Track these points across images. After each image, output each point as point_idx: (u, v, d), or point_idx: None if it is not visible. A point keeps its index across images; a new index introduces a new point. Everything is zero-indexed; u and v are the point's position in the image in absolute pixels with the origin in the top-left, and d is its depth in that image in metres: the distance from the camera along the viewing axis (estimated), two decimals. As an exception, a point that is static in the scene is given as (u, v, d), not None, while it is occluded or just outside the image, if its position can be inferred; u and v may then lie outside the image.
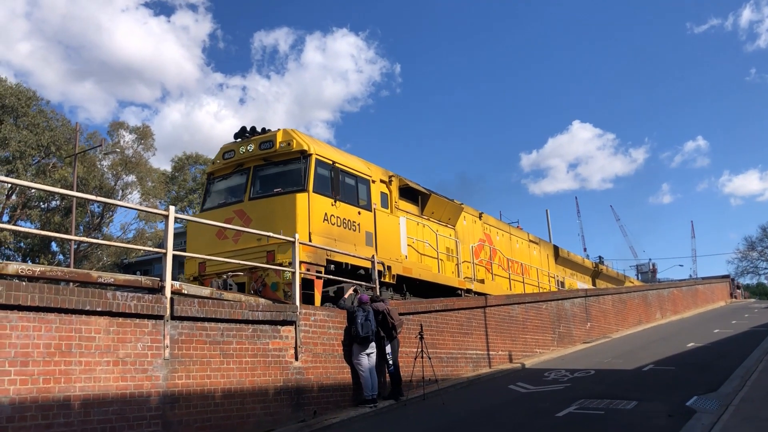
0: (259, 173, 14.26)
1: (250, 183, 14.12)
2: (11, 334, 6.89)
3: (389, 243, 15.60)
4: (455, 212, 19.93)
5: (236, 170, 14.59)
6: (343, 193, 14.36)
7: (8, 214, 39.16)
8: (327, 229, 13.45)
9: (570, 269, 32.71)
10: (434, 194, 18.56)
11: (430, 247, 17.81)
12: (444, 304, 15.88)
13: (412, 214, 17.47)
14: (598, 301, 27.44)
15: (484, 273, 21.31)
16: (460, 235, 20.21)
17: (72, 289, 7.67)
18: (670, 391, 12.31)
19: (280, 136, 14.00)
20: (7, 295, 6.82)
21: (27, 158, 37.43)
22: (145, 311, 8.26)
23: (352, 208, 14.51)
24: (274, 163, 14.08)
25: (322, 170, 13.90)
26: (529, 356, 19.63)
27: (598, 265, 38.85)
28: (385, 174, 16.62)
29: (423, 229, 17.87)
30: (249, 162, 14.34)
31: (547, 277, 28.26)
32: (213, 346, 9.21)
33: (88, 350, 7.60)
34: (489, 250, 22.29)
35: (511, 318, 19.41)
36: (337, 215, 13.86)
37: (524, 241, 26.81)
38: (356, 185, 15.08)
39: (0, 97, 36.50)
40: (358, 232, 14.52)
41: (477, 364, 16.76)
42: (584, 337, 24.51)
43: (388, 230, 15.72)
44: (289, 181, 13.64)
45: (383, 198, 16.21)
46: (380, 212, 15.58)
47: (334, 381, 11.47)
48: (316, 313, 11.41)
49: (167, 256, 8.95)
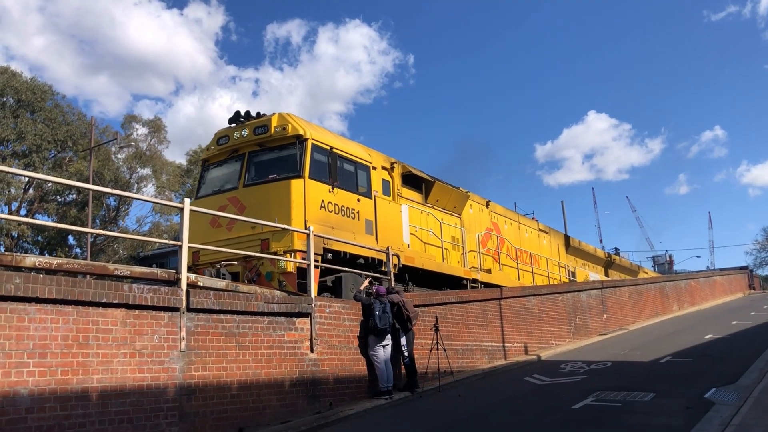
0: (254, 159, 13.90)
1: (244, 169, 13.77)
2: (29, 326, 6.94)
3: (390, 231, 15.22)
4: (461, 200, 19.51)
5: (231, 156, 14.27)
6: (342, 179, 13.94)
7: (26, 208, 39.54)
8: (324, 217, 13.09)
9: (582, 259, 32.08)
10: (439, 181, 18.15)
11: (434, 236, 17.49)
12: (459, 296, 15.83)
13: (415, 202, 17.12)
14: (615, 292, 27.27)
15: (492, 263, 20.92)
16: (466, 223, 19.79)
17: (89, 281, 7.71)
18: (689, 383, 12.21)
19: (275, 121, 13.64)
20: (25, 287, 6.86)
21: (43, 152, 37.73)
22: (161, 303, 8.29)
23: (350, 195, 14.13)
24: (270, 148, 13.73)
25: (318, 156, 13.51)
26: (545, 348, 19.55)
27: (611, 256, 38.01)
28: (387, 160, 16.23)
29: (427, 217, 17.48)
30: (244, 148, 14.00)
31: (557, 267, 27.64)
32: (229, 338, 9.24)
33: (105, 342, 7.65)
34: (496, 239, 21.86)
35: (527, 310, 19.32)
36: (335, 202, 13.49)
37: (534, 231, 26.27)
38: (355, 171, 14.68)
39: (16, 91, 36.78)
40: (358, 220, 14.14)
41: (492, 356, 16.72)
42: (601, 329, 24.37)
43: (389, 218, 15.33)
44: (284, 167, 13.27)
45: (385, 185, 15.83)
46: (381, 199, 15.19)
47: (349, 373, 11.48)
48: (331, 305, 11.41)
49: (183, 248, 8.97)
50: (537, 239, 26.32)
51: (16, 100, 37.25)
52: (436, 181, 17.98)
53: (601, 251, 36.36)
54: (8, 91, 36.67)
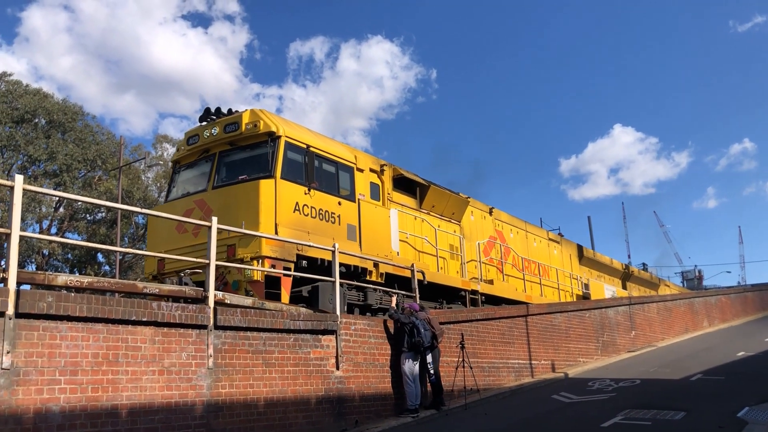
0: (224, 159, 13.08)
1: (214, 170, 12.95)
2: (61, 344, 7.07)
3: (377, 237, 14.24)
4: (460, 206, 18.49)
5: (201, 157, 13.47)
6: (320, 180, 13.06)
7: (56, 226, 40.25)
8: (298, 221, 12.22)
9: (596, 270, 30.46)
10: (434, 186, 17.16)
11: (429, 244, 16.59)
12: (485, 313, 15.75)
13: (408, 207, 16.24)
14: (643, 308, 26.89)
15: (495, 273, 19.93)
16: (467, 231, 18.82)
17: (118, 299, 7.84)
18: (720, 402, 11.97)
19: (246, 117, 12.88)
20: (57, 306, 7.00)
21: (74, 171, 38.41)
22: (189, 321, 8.39)
23: (330, 198, 13.20)
24: (241, 147, 12.94)
25: (293, 154, 12.66)
26: (573, 365, 19.33)
27: (629, 267, 36.23)
28: (375, 163, 15.34)
29: (421, 223, 16.57)
30: (214, 147, 13.22)
31: (569, 278, 26.08)
32: (255, 356, 9.30)
33: (135, 360, 7.75)
34: (500, 248, 20.68)
35: (554, 327, 19.14)
36: (311, 205, 12.59)
37: (543, 240, 24.98)
38: (336, 173, 13.75)
39: (48, 112, 37.60)
40: (338, 224, 13.21)
41: (519, 374, 16.57)
42: (629, 346, 24.03)
43: (375, 223, 14.33)
44: (255, 167, 12.45)
45: (374, 189, 14.92)
46: (366, 203, 14.24)
47: (375, 390, 11.46)
48: (356, 322, 11.43)
49: (210, 266, 9.08)
50: (547, 249, 25.03)
51: (47, 120, 38.07)
52: (431, 186, 17.04)
53: (618, 262, 34.52)
54: (40, 112, 37.50)
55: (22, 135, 36.76)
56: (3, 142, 35.69)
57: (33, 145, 36.49)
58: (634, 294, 32.91)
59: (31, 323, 6.85)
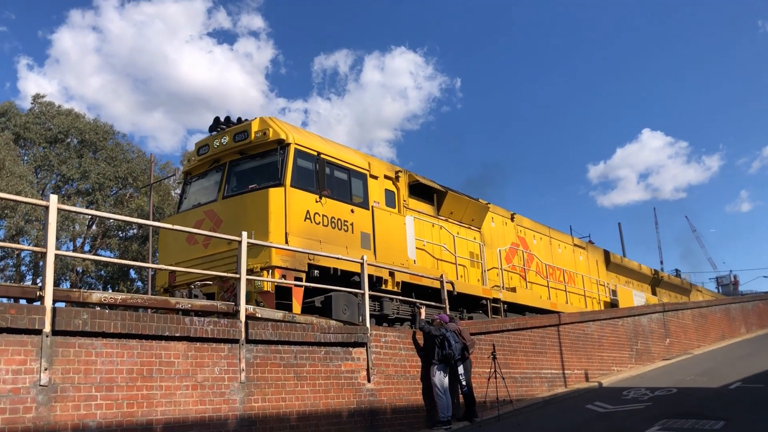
0: (234, 169, 12.95)
1: (224, 180, 12.81)
2: (96, 360, 7.17)
3: (392, 245, 13.96)
4: (480, 212, 18.11)
5: (212, 167, 13.37)
6: (332, 188, 12.86)
7: (89, 243, 40.94)
8: (309, 230, 12.00)
9: (624, 276, 29.74)
10: (452, 192, 16.84)
11: (448, 252, 16.30)
12: (516, 323, 15.61)
13: (425, 214, 15.98)
14: (677, 315, 26.41)
15: (518, 280, 19.49)
16: (487, 238, 18.45)
17: (152, 315, 7.93)
18: (761, 410, 11.68)
19: (256, 125, 12.74)
20: (92, 322, 7.12)
21: (106, 189, 39.12)
22: (221, 335, 8.46)
23: (343, 206, 12.97)
24: (251, 156, 12.80)
25: (303, 162, 12.48)
26: (606, 374, 19.04)
27: (658, 272, 35.02)
28: (390, 169, 15.16)
29: (440, 231, 16.26)
30: (225, 157, 13.11)
31: (595, 285, 25.46)
32: (287, 369, 9.33)
33: (168, 375, 7.83)
34: (523, 255, 20.24)
35: (586, 335, 18.89)
36: (323, 213, 12.37)
37: (568, 246, 24.34)
38: (349, 180, 13.52)
39: (80, 132, 38.39)
40: (351, 232, 12.96)
41: (552, 384, 16.37)
42: (664, 354, 23.60)
43: (390, 231, 14.07)
44: (265, 176, 12.28)
45: (389, 196, 14.70)
46: (380, 211, 13.99)
47: (407, 403, 11.41)
48: (386, 334, 11.41)
49: (241, 281, 9.15)
50: (572, 255, 24.42)
51: (80, 140, 38.87)
52: (449, 192, 16.73)
53: (647, 268, 33.45)
54: (73, 132, 38.31)
55: (56, 155, 37.58)
56: (38, 162, 36.51)
57: (66, 165, 37.26)
58: (664, 300, 32.28)
59: (67, 340, 6.97)
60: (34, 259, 34.43)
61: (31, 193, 30.41)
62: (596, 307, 24.37)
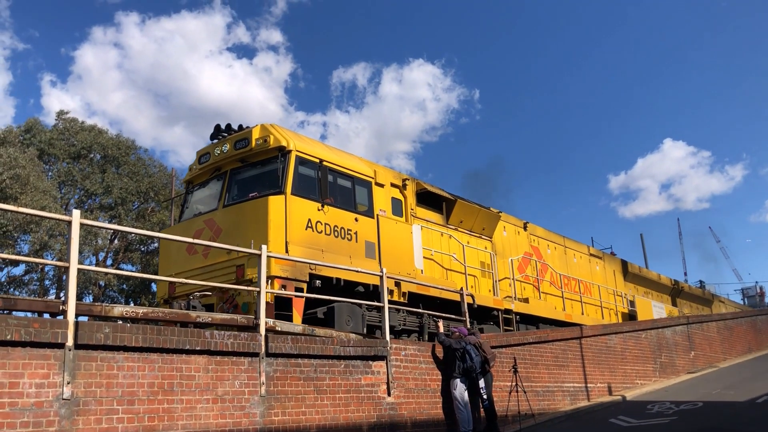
0: (235, 177, 12.78)
1: (225, 189, 12.63)
2: (118, 374, 7.22)
3: (398, 255, 13.66)
4: (491, 221, 17.78)
5: (214, 175, 13.21)
6: (335, 196, 12.65)
7: (111, 258, 41.36)
8: (311, 238, 11.76)
9: (643, 287, 29.01)
10: (461, 200, 16.58)
11: (458, 262, 15.95)
12: (538, 336, 15.48)
13: (434, 223, 15.72)
14: (702, 328, 26.01)
15: (532, 291, 19.10)
16: (499, 247, 18.13)
17: (173, 329, 7.98)
18: (790, 425, 11.46)
19: (257, 133, 12.52)
20: (113, 336, 7.17)
21: (128, 204, 39.54)
22: (241, 349, 8.48)
23: (346, 214, 12.73)
24: (252, 164, 12.61)
25: (305, 169, 12.27)
26: (630, 388, 18.78)
27: (678, 283, 34.15)
28: (397, 177, 14.90)
29: (449, 240, 15.95)
30: (226, 165, 12.95)
31: (612, 295, 24.93)
32: (307, 383, 9.32)
33: (189, 389, 7.85)
34: (536, 264, 19.88)
35: (609, 348, 18.67)
36: (325, 222, 12.12)
37: (584, 255, 23.86)
38: (353, 188, 13.27)
39: (103, 147, 38.89)
40: (355, 241, 12.70)
41: (575, 398, 16.17)
42: (688, 367, 23.24)
43: (396, 240, 13.80)
44: (266, 184, 12.05)
45: (395, 204, 14.48)
46: (386, 219, 13.72)
47: (427, 416, 11.33)
48: (406, 347, 11.36)
49: (261, 294, 9.18)
50: (588, 265, 23.93)
51: (102, 155, 39.37)
52: (458, 200, 16.42)
53: (666, 278, 32.66)
54: (96, 148, 38.81)
55: (79, 170, 38.08)
56: (61, 178, 37.02)
57: (89, 180, 37.74)
58: (685, 311, 31.74)
59: (89, 354, 7.03)
60: (57, 273, 34.85)
61: (55, 208, 30.82)
62: (613, 318, 23.97)
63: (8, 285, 30.79)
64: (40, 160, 33.49)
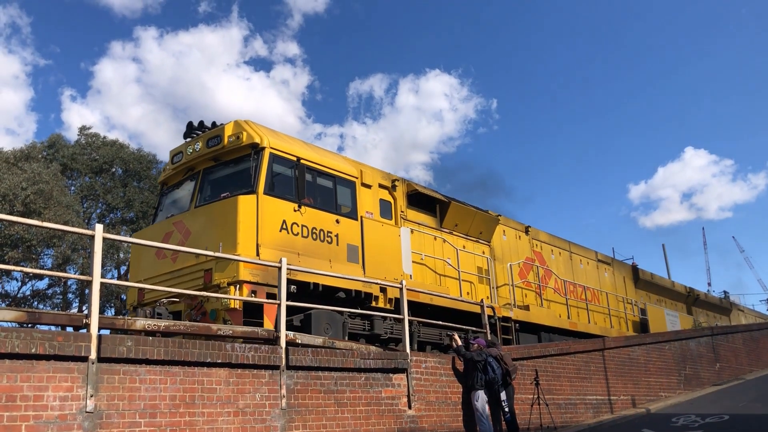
0: (208, 177, 12.23)
1: (197, 189, 12.11)
2: (140, 387, 7.26)
3: (384, 259, 13.06)
4: (488, 225, 17.11)
5: (187, 176, 12.67)
6: (314, 196, 12.10)
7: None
8: (286, 241, 11.17)
9: (655, 294, 28.00)
10: (455, 202, 15.97)
11: (452, 267, 15.28)
12: (559, 348, 15.33)
13: (426, 226, 15.07)
14: (727, 339, 25.64)
15: (534, 298, 18.38)
16: (498, 252, 17.48)
17: (194, 342, 8.01)
18: (819, 439, 11.21)
19: (229, 130, 11.97)
20: (136, 349, 7.22)
21: (149, 218, 39.89)
22: (262, 362, 8.49)
23: (326, 216, 12.13)
24: (225, 162, 12.08)
25: (280, 167, 11.71)
26: (654, 400, 18.52)
27: (693, 291, 32.97)
28: (386, 178, 14.30)
29: (442, 244, 15.32)
30: (199, 164, 12.42)
31: (622, 303, 23.96)
32: (327, 395, 9.30)
33: (210, 401, 7.87)
34: (538, 270, 19.13)
35: (632, 360, 18.44)
36: (302, 224, 11.53)
37: (591, 261, 22.98)
38: (334, 188, 12.66)
39: (124, 162, 39.33)
40: (336, 244, 12.12)
41: (598, 410, 15.98)
42: (714, 379, 22.88)
43: (382, 243, 13.17)
44: (239, 183, 11.51)
45: (384, 206, 13.91)
46: (371, 221, 13.13)
47: (448, 429, 11.25)
48: (427, 359, 11.31)
49: (281, 307, 9.20)
50: (595, 271, 23.05)
51: (124, 170, 39.82)
52: (452, 202, 15.82)
53: (681, 285, 31.66)
54: (117, 162, 39.27)
55: (101, 185, 38.52)
56: (84, 192, 37.48)
57: (111, 194, 38.15)
58: (701, 320, 31.03)
59: (112, 367, 7.08)
60: (80, 287, 35.21)
61: (78, 223, 31.14)
62: (623, 326, 23.26)
63: (32, 298, 31.14)
64: (63, 175, 33.93)
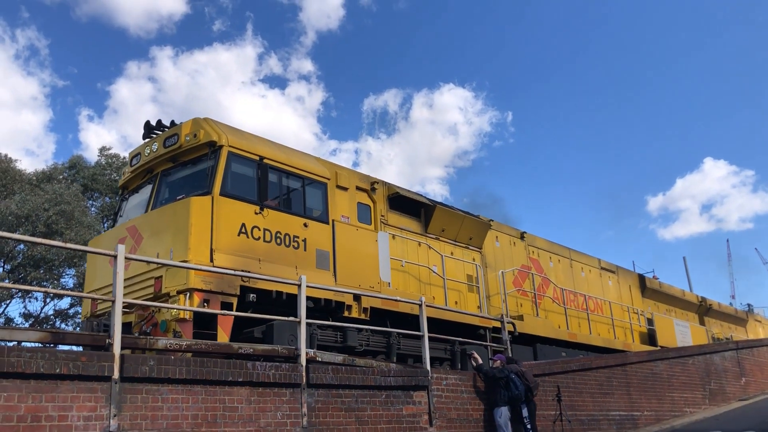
0: (166, 179, 11.58)
1: (153, 192, 11.46)
2: (163, 406, 7.29)
3: (358, 266, 12.31)
4: (479, 230, 16.15)
5: (146, 178, 12.04)
6: (279, 198, 11.43)
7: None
8: (245, 246, 10.45)
9: (664, 304, 26.75)
10: (441, 206, 15.13)
11: (437, 275, 14.43)
12: (581, 363, 15.18)
13: (410, 231, 14.28)
14: (752, 353, 25.26)
15: (530, 307, 17.46)
16: (490, 259, 16.60)
17: (215, 361, 8.04)
18: None
19: (187, 128, 11.27)
20: (158, 369, 7.26)
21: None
22: (283, 380, 8.50)
23: (292, 219, 11.40)
24: (183, 163, 11.41)
25: (239, 167, 11.03)
26: (678, 416, 18.25)
27: (705, 300, 31.56)
28: (364, 180, 13.57)
29: (427, 250, 14.49)
30: (157, 166, 11.76)
31: (627, 313, 22.80)
32: (348, 413, 9.27)
33: (232, 420, 7.88)
34: (535, 278, 18.15)
35: (655, 375, 18.20)
36: (264, 227, 10.83)
37: (594, 269, 21.89)
38: (302, 189, 11.93)
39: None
40: (303, 250, 11.34)
41: (621, 426, 15.76)
42: (739, 394, 22.52)
43: (356, 249, 12.42)
44: (196, 184, 10.88)
45: (362, 210, 13.18)
46: (343, 226, 12.39)
47: (470, 447, 11.17)
48: (447, 377, 11.25)
49: (301, 324, 9.21)
50: (598, 279, 21.93)
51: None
52: (438, 206, 14.94)
53: (692, 294, 30.49)
54: (137, 182, 39.82)
55: (121, 204, 38.95)
56: (105, 212, 37.84)
57: (131, 214, 38.54)
58: (714, 331, 30.20)
59: (134, 386, 7.12)
60: (101, 305, 35.55)
61: (99, 242, 31.56)
62: (628, 337, 22.33)
63: (55, 318, 31.42)
64: (84, 196, 34.32)
